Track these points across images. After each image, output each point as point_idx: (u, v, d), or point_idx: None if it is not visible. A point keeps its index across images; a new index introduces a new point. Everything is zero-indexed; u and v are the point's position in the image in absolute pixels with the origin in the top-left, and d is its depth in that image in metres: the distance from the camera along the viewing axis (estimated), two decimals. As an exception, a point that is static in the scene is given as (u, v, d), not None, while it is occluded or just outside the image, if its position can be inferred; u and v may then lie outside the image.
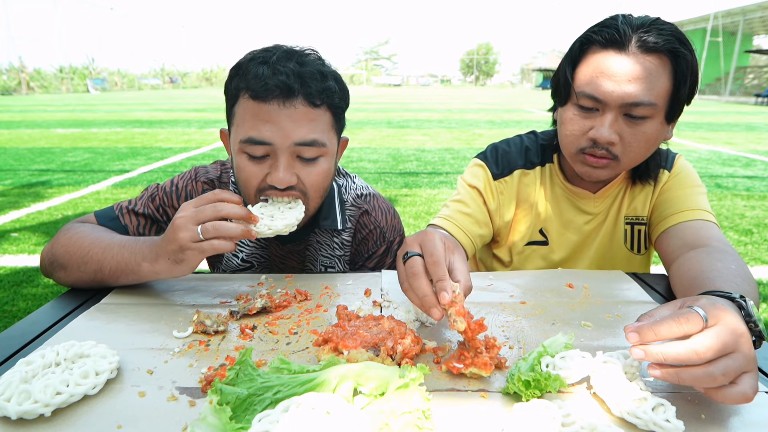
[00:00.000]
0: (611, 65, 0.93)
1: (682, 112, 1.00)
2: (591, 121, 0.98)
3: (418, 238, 0.73)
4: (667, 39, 0.91)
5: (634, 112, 0.94)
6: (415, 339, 0.69)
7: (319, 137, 0.92)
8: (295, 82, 0.88)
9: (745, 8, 27.45)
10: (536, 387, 0.58)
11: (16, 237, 3.59)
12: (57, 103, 22.14)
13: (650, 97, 0.92)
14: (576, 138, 1.00)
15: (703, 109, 18.56)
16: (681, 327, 0.55)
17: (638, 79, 0.91)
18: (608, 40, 0.94)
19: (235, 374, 0.57)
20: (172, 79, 60.92)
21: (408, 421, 0.52)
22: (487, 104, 21.68)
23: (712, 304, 0.57)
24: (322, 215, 1.10)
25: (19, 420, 0.56)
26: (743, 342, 0.55)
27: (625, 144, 0.97)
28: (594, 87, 0.95)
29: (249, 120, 0.90)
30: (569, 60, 1.00)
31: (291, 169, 0.92)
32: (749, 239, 3.63)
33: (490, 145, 1.23)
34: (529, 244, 1.20)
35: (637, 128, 0.95)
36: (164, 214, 1.08)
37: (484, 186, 1.17)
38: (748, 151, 7.85)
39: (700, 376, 0.54)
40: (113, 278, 0.87)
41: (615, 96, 0.93)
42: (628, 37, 0.92)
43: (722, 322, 0.55)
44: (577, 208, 1.16)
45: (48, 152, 7.46)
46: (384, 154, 7.36)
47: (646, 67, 0.91)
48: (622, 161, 0.99)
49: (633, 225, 1.15)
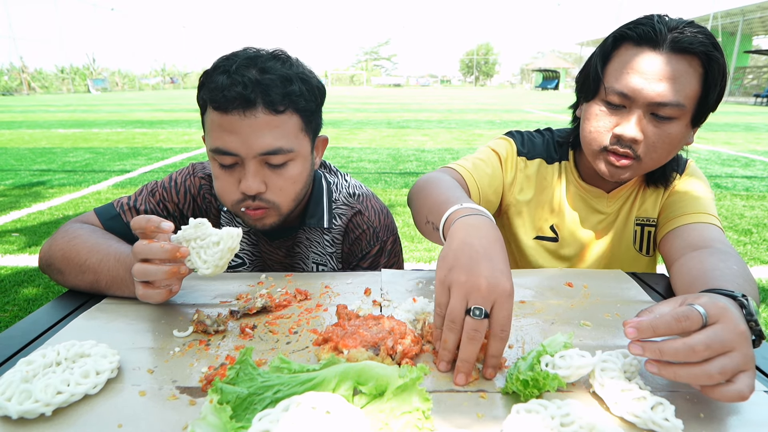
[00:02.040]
0: (643, 62, 0.92)
1: (707, 117, 0.99)
2: (617, 118, 0.97)
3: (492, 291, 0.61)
4: (701, 41, 0.90)
5: (661, 112, 0.93)
6: (415, 339, 0.69)
7: (284, 144, 0.92)
8: (252, 91, 0.87)
9: (745, 8, 27.45)
10: (534, 386, 0.58)
11: (17, 237, 3.59)
12: (58, 104, 22.15)
13: (679, 98, 0.91)
14: (600, 134, 1.00)
15: (704, 110, 18.53)
16: (680, 324, 0.55)
17: (669, 79, 0.91)
18: (642, 37, 0.93)
19: (235, 373, 0.57)
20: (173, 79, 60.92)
21: (408, 421, 0.53)
22: (487, 104, 21.68)
23: (713, 303, 0.57)
24: (308, 213, 1.11)
25: (19, 419, 0.56)
26: (742, 341, 0.55)
27: (648, 144, 0.96)
28: (624, 83, 0.94)
29: (215, 130, 0.91)
30: (601, 55, 0.99)
31: (259, 176, 0.93)
32: (749, 239, 3.63)
33: (515, 131, 1.24)
34: (537, 238, 1.20)
35: (662, 129, 0.95)
36: (164, 210, 1.10)
37: (507, 155, 1.17)
38: (747, 151, 7.85)
39: (696, 374, 0.54)
40: (110, 291, 0.87)
41: (644, 94, 0.92)
42: (663, 35, 0.91)
43: (722, 321, 0.55)
44: (590, 207, 1.17)
45: (49, 152, 7.46)
46: (384, 154, 7.36)
47: (677, 67, 0.91)
48: (644, 161, 0.99)
49: (643, 226, 1.16)
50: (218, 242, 0.78)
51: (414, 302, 0.82)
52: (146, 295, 0.79)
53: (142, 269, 0.77)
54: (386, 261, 1.14)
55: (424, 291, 0.91)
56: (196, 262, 0.79)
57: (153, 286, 0.79)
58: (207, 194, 1.14)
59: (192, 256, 0.79)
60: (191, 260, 0.79)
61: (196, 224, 0.78)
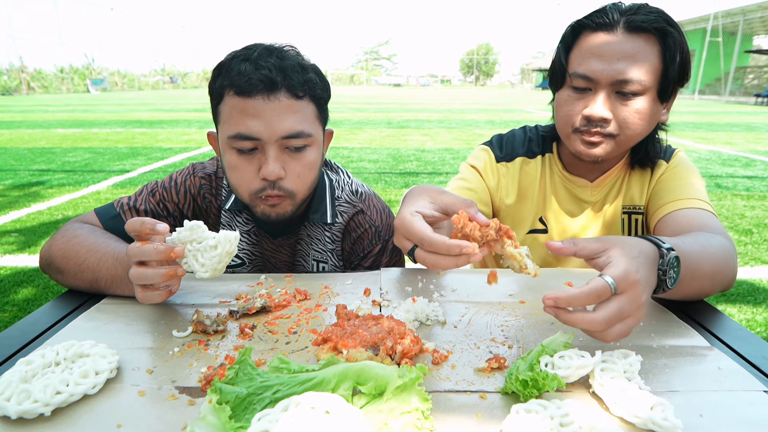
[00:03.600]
0: (601, 46, 0.98)
1: (675, 92, 1.04)
2: (585, 101, 1.02)
3: (399, 232, 0.71)
4: (654, 20, 0.96)
5: (625, 89, 0.97)
6: (415, 339, 0.69)
7: (305, 128, 0.95)
8: (277, 75, 0.91)
9: (745, 8, 27.45)
10: (534, 386, 0.58)
11: (17, 237, 3.59)
12: (57, 103, 22.14)
13: (639, 73, 0.96)
14: (570, 117, 1.04)
15: (703, 109, 18.55)
16: (591, 300, 0.61)
17: (627, 57, 0.96)
18: (598, 24, 0.99)
19: (234, 373, 0.57)
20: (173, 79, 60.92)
21: (407, 421, 0.52)
22: (487, 104, 21.68)
23: (625, 277, 0.61)
24: (312, 209, 1.12)
25: (18, 419, 0.56)
26: (639, 310, 0.63)
27: (619, 121, 1.01)
28: (586, 67, 0.99)
29: (236, 116, 0.93)
30: (563, 46, 1.06)
31: (279, 161, 0.95)
32: (749, 239, 3.63)
33: (495, 135, 1.28)
34: (530, 232, 1.22)
35: (629, 105, 0.99)
36: (164, 209, 1.10)
37: (485, 165, 1.21)
38: (747, 151, 7.85)
39: (593, 335, 0.64)
40: (110, 290, 0.87)
41: (606, 74, 0.97)
42: (617, 19, 0.98)
43: (627, 293, 0.61)
44: (575, 197, 1.19)
45: (48, 152, 7.46)
46: (384, 154, 7.36)
47: (634, 45, 0.96)
48: (618, 139, 1.02)
49: (630, 214, 1.17)
50: (216, 246, 0.78)
51: (414, 302, 0.82)
52: (146, 297, 0.79)
53: (138, 273, 0.76)
54: (388, 260, 1.14)
55: (423, 291, 0.91)
56: (194, 266, 0.78)
57: (152, 288, 0.79)
58: (207, 194, 1.14)
59: (189, 259, 0.78)
60: (188, 263, 0.78)
61: (192, 227, 0.78)
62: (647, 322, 0.79)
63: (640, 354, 0.67)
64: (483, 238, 0.67)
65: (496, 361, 0.66)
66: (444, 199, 0.72)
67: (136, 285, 0.79)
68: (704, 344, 0.72)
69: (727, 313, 1.98)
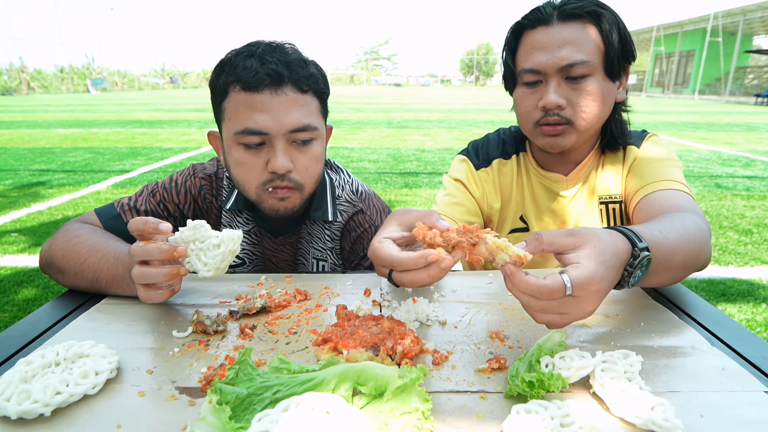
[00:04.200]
0: (541, 38, 1.03)
1: (627, 72, 1.09)
2: (538, 94, 1.05)
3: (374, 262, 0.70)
4: (584, 4, 1.01)
5: (573, 73, 1.01)
6: (415, 339, 0.69)
7: (311, 121, 0.97)
8: (283, 69, 0.93)
9: (745, 8, 27.44)
10: (540, 387, 0.58)
11: (17, 237, 3.59)
12: (57, 103, 22.14)
13: (582, 55, 1.00)
14: (529, 113, 1.08)
15: (703, 109, 18.55)
16: (541, 294, 0.61)
17: (568, 43, 1.01)
18: (534, 21, 1.05)
19: (234, 374, 0.57)
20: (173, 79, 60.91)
21: (407, 422, 0.52)
22: (487, 104, 21.67)
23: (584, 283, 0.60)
24: (313, 206, 1.12)
25: (18, 420, 0.56)
26: (582, 314, 0.63)
27: (574, 106, 1.04)
28: (532, 61, 1.04)
29: (242, 111, 0.93)
30: (508, 49, 1.11)
31: (287, 154, 0.96)
32: (749, 239, 3.63)
33: (470, 142, 1.31)
34: (512, 231, 1.24)
35: (580, 88, 1.02)
36: (165, 210, 1.10)
37: (467, 177, 1.23)
38: (747, 151, 7.85)
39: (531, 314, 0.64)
40: (110, 290, 0.87)
41: (551, 63, 1.02)
42: (550, 12, 1.03)
43: (581, 298, 0.61)
44: (551, 193, 1.20)
45: (48, 152, 7.46)
46: (384, 154, 7.36)
47: (571, 31, 1.02)
48: (577, 124, 1.05)
49: (607, 204, 1.18)
50: (219, 245, 0.78)
51: (414, 303, 0.82)
52: (149, 296, 0.79)
53: (141, 272, 0.76)
54: None
55: (423, 291, 0.91)
56: (196, 265, 0.78)
57: (154, 288, 0.79)
58: (207, 194, 1.14)
59: (191, 259, 0.78)
60: (191, 262, 0.79)
61: (195, 226, 0.78)
62: (647, 322, 0.79)
63: (641, 354, 0.67)
64: (446, 242, 0.65)
65: (497, 361, 0.66)
66: (407, 218, 0.72)
67: (138, 284, 0.79)
68: (705, 344, 0.72)
69: (727, 313, 1.98)
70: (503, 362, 0.67)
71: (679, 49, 35.10)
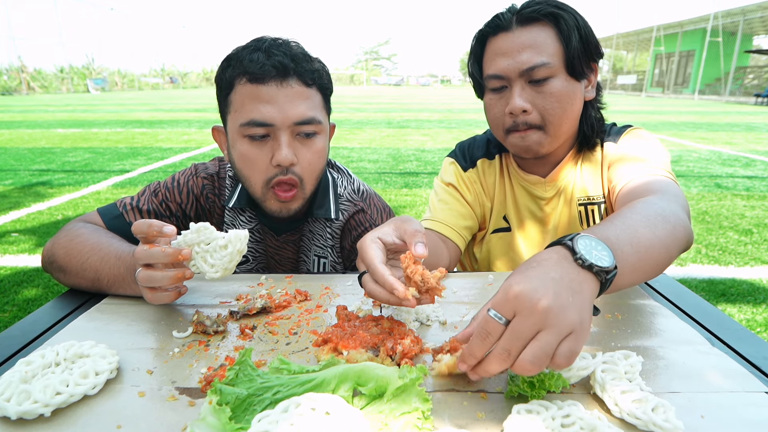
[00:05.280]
0: (502, 44, 1.04)
1: (595, 70, 1.08)
2: (505, 99, 1.06)
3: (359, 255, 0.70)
4: (541, 7, 1.02)
5: (535, 76, 1.01)
6: (415, 339, 0.69)
7: (316, 114, 0.98)
8: (289, 62, 0.94)
9: (745, 8, 27.44)
10: (541, 387, 0.58)
11: (17, 237, 3.59)
12: (57, 103, 22.15)
13: (542, 57, 1.01)
14: (498, 119, 1.08)
15: (703, 109, 18.56)
16: (487, 341, 0.54)
17: (527, 47, 1.01)
18: (495, 27, 1.06)
19: (234, 374, 0.57)
20: (173, 79, 60.92)
21: (407, 422, 0.52)
22: (487, 104, 21.65)
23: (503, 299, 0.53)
24: (316, 204, 1.13)
25: (18, 420, 0.56)
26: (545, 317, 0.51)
27: (540, 109, 1.03)
28: (495, 67, 1.05)
29: (248, 103, 0.94)
30: (474, 57, 1.11)
31: (292, 146, 0.97)
32: (749, 239, 3.63)
33: (458, 143, 1.31)
34: (495, 231, 1.24)
35: (543, 90, 1.02)
36: (167, 209, 1.11)
37: (457, 180, 1.23)
38: (748, 151, 7.85)
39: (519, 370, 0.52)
40: (112, 289, 0.87)
41: (512, 67, 1.02)
42: (509, 18, 1.04)
43: (517, 313, 0.52)
44: (530, 194, 1.20)
45: (48, 152, 7.46)
46: (384, 154, 7.36)
47: (530, 35, 1.02)
48: (546, 126, 1.05)
49: (586, 206, 1.18)
50: (226, 245, 0.77)
51: (414, 303, 0.82)
52: (155, 297, 0.79)
53: (146, 275, 0.76)
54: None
55: (424, 291, 0.91)
56: (203, 267, 0.78)
57: (161, 290, 0.79)
58: (210, 194, 1.15)
59: (197, 261, 0.78)
60: (196, 264, 0.78)
61: (198, 228, 0.78)
62: (648, 323, 0.79)
63: (641, 355, 0.67)
64: (424, 283, 0.65)
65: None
66: (404, 227, 0.71)
67: (143, 287, 0.79)
68: (705, 345, 0.72)
69: (727, 313, 1.98)
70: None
71: (679, 49, 35.10)
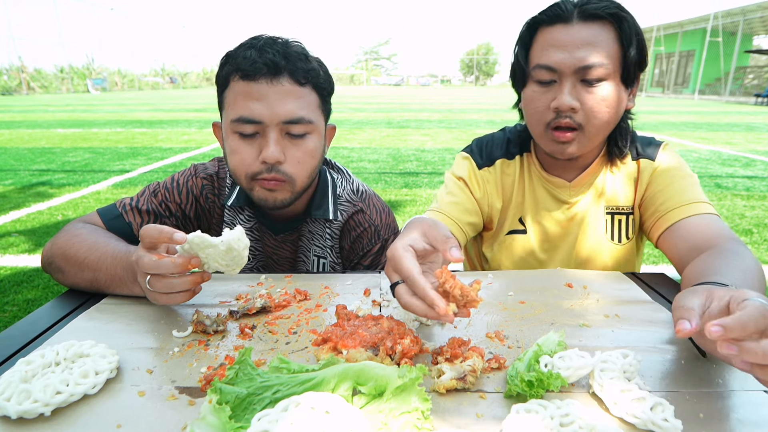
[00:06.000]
0: (559, 36, 0.99)
1: (637, 77, 1.06)
2: (551, 93, 1.02)
3: (390, 263, 0.69)
4: (606, 6, 0.98)
5: (589, 76, 0.98)
6: (415, 339, 0.69)
7: (306, 114, 0.97)
8: (281, 60, 0.94)
9: (745, 8, 27.43)
10: (540, 386, 0.58)
11: (17, 237, 3.59)
12: (57, 103, 22.14)
13: (600, 58, 0.97)
14: (540, 113, 1.04)
15: (703, 109, 18.55)
16: (766, 320, 0.53)
17: (587, 44, 0.97)
18: (553, 17, 1.01)
19: (234, 374, 0.57)
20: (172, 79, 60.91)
21: (407, 421, 0.53)
22: (487, 104, 21.67)
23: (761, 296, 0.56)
24: (314, 204, 1.13)
25: (19, 419, 0.56)
26: None
27: (586, 110, 1.00)
28: (548, 58, 1.00)
29: (240, 100, 0.95)
30: (521, 44, 1.07)
31: (279, 145, 0.96)
32: (749, 239, 3.63)
33: (475, 139, 1.28)
34: (509, 233, 1.22)
35: (594, 92, 0.99)
36: (167, 210, 1.11)
37: (469, 175, 1.20)
38: (748, 151, 7.85)
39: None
40: (109, 289, 0.87)
41: (568, 62, 0.98)
42: (570, 10, 1.00)
43: None
44: (553, 197, 1.18)
45: (48, 152, 7.46)
46: (384, 154, 7.36)
47: (591, 32, 0.98)
48: (587, 130, 1.02)
49: (613, 215, 1.16)
50: (230, 250, 0.76)
51: (413, 302, 0.82)
52: (170, 299, 0.79)
53: (166, 284, 0.76)
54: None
55: (423, 291, 0.91)
56: (218, 267, 0.78)
57: (175, 293, 0.78)
58: (209, 194, 1.15)
59: (210, 263, 0.77)
60: (209, 265, 0.78)
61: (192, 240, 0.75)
62: (646, 322, 0.79)
63: (640, 354, 0.67)
64: (463, 297, 0.64)
65: (496, 361, 0.67)
66: (433, 233, 0.70)
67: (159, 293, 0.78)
68: (704, 344, 0.72)
69: (727, 313, 1.98)
70: (502, 362, 0.67)
71: (679, 49, 35.09)
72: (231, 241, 0.76)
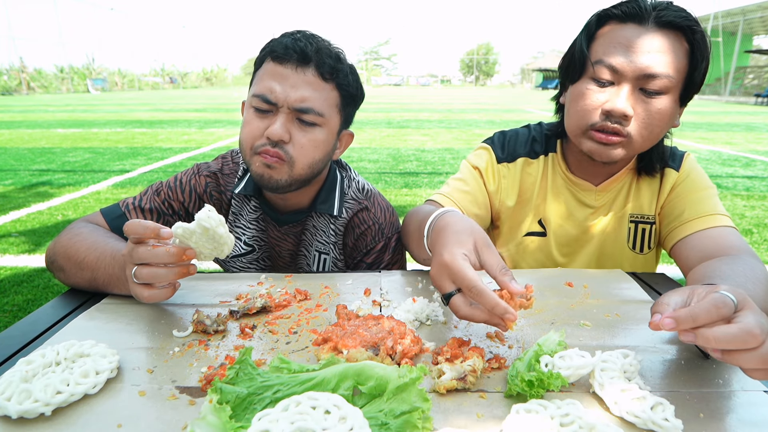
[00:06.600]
0: (630, 36, 0.93)
1: (692, 96, 1.00)
2: (606, 95, 0.96)
3: (444, 271, 0.68)
4: (685, 17, 0.93)
5: (650, 86, 0.93)
6: (415, 339, 0.69)
7: (319, 107, 0.99)
8: (311, 51, 0.98)
9: (745, 8, 27.43)
10: (540, 386, 0.58)
11: (16, 237, 3.59)
12: (57, 103, 22.14)
13: (667, 69, 0.92)
14: (588, 112, 0.98)
15: (703, 109, 18.55)
16: (719, 311, 0.55)
17: (657, 52, 0.92)
18: (627, 14, 0.95)
19: (234, 373, 0.57)
20: (172, 79, 60.91)
21: (407, 421, 0.53)
22: (487, 104, 21.67)
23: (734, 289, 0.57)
24: (320, 199, 1.14)
25: (19, 419, 0.56)
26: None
27: (638, 121, 0.95)
28: (613, 56, 0.94)
29: (265, 78, 0.99)
30: (586, 34, 1.00)
31: (286, 126, 0.98)
32: (749, 239, 3.63)
33: (498, 131, 1.23)
34: (527, 234, 1.18)
35: (651, 104, 0.94)
36: (170, 208, 1.11)
37: (486, 167, 1.17)
38: (747, 151, 7.85)
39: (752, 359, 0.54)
40: (108, 289, 0.87)
41: (633, 66, 0.92)
42: (648, 11, 0.93)
43: (748, 307, 0.56)
44: (577, 200, 1.14)
45: (48, 152, 7.46)
46: (384, 154, 7.36)
47: (664, 41, 0.92)
48: (634, 140, 0.97)
49: (637, 223, 1.13)
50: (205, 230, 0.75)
51: (414, 302, 0.82)
52: (152, 296, 0.78)
53: (150, 273, 0.76)
54: (390, 258, 1.15)
55: (423, 291, 0.91)
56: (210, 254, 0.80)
57: (156, 287, 0.79)
58: (213, 192, 1.16)
59: (201, 252, 0.79)
60: (204, 255, 0.80)
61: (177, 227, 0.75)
62: (647, 322, 0.79)
63: (640, 354, 0.67)
64: (519, 307, 0.67)
65: (496, 361, 0.67)
66: (486, 257, 0.70)
67: (140, 285, 0.78)
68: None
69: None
70: (503, 362, 0.67)
71: (679, 49, 34.98)
72: (201, 220, 0.75)
